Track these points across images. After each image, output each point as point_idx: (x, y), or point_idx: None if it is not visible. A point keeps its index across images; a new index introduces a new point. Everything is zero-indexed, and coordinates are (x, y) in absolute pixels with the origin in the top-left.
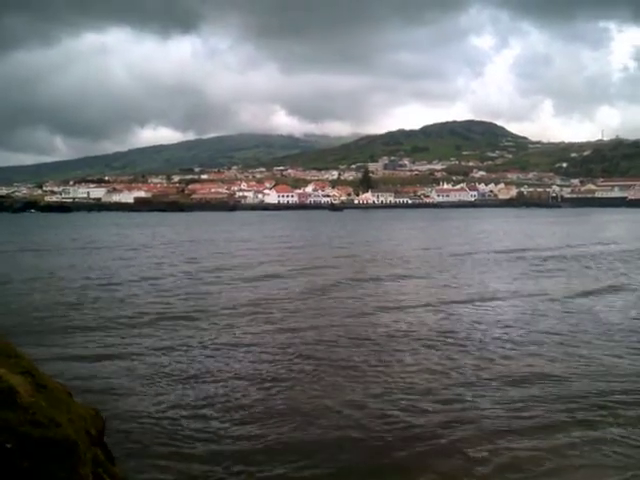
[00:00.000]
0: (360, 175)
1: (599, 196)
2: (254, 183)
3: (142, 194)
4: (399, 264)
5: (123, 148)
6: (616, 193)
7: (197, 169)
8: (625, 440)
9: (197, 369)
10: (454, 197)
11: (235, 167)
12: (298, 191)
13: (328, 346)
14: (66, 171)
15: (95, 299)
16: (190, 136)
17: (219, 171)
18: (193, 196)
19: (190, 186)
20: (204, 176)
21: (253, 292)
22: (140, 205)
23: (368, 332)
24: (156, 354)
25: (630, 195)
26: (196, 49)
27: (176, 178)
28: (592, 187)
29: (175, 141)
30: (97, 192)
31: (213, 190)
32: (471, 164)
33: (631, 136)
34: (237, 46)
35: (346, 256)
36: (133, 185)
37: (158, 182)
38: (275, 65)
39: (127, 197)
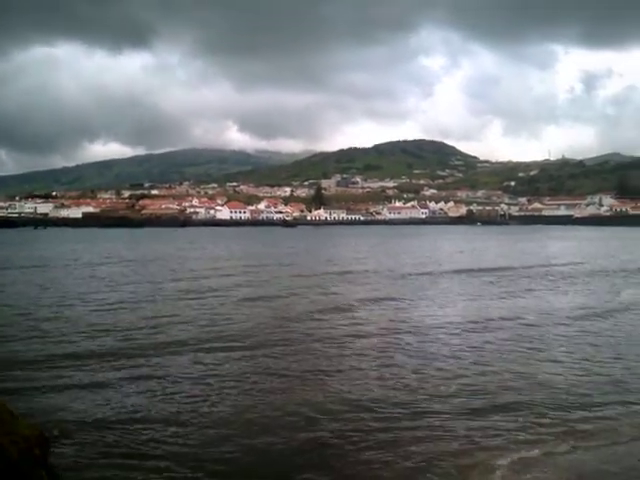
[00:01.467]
0: (313, 192)
1: (546, 214)
2: (206, 199)
3: (91, 209)
4: (363, 284)
5: (72, 163)
6: (562, 211)
7: (147, 184)
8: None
9: (152, 405)
10: (405, 215)
11: (186, 183)
12: (251, 207)
13: (299, 375)
14: (12, 186)
15: (45, 326)
16: (141, 151)
17: (170, 187)
18: (143, 212)
19: (140, 201)
20: (154, 191)
21: (217, 318)
22: (89, 221)
23: (343, 359)
24: (114, 385)
25: (576, 213)
26: (148, 64)
27: (126, 193)
28: (539, 205)
29: (125, 156)
30: (44, 207)
31: (164, 206)
32: (422, 182)
33: (576, 156)
34: (189, 62)
35: (309, 275)
36: (82, 200)
37: (107, 197)
38: (228, 81)
39: (75, 212)
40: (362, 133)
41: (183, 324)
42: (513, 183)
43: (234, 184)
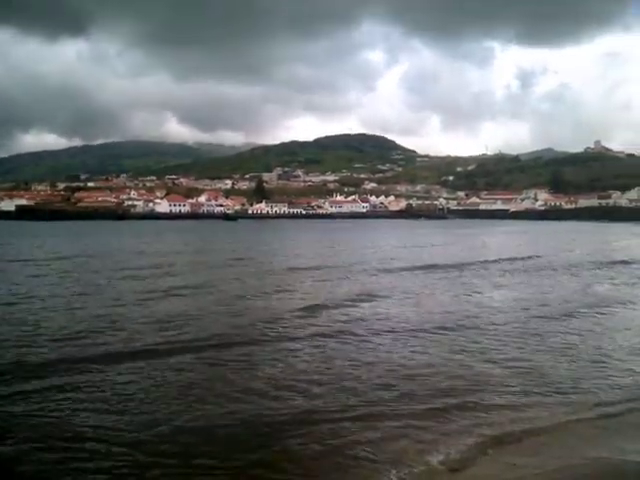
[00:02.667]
0: (254, 185)
1: (483, 208)
2: (144, 192)
3: (24, 202)
4: (324, 281)
5: (4, 154)
6: (499, 205)
7: (84, 176)
8: None
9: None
10: (347, 208)
11: (124, 175)
12: (191, 200)
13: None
14: None
15: None
16: (77, 142)
17: (107, 179)
18: (80, 204)
19: (76, 194)
20: (91, 184)
21: (177, 321)
22: (23, 214)
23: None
24: (60, 390)
25: (512, 208)
26: (84, 53)
27: (62, 185)
28: (476, 200)
29: (61, 147)
30: None
31: (100, 198)
32: (363, 176)
33: (512, 151)
34: (127, 52)
35: (267, 273)
36: (15, 192)
37: (42, 189)
38: (167, 73)
39: (8, 205)
40: (303, 127)
41: (133, 329)
42: (451, 178)
43: (173, 177)
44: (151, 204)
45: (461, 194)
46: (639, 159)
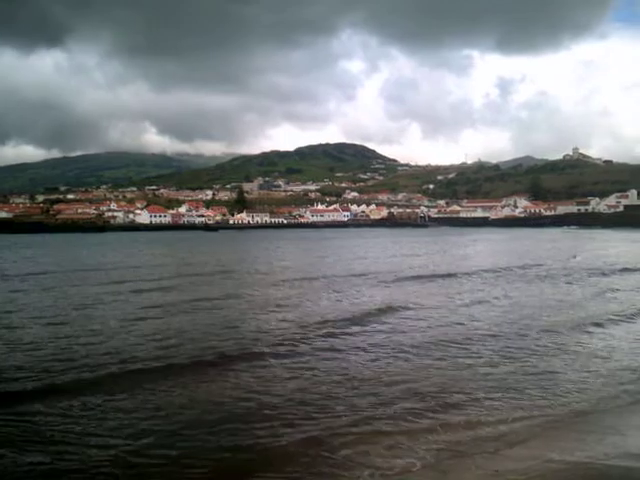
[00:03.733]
0: (235, 195)
1: (464, 216)
2: (124, 203)
3: (3, 215)
4: (336, 291)
5: None
6: (479, 213)
7: (63, 188)
8: None
9: None
10: (328, 217)
11: (104, 186)
12: (171, 211)
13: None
14: None
15: None
16: (55, 154)
17: (87, 190)
18: (59, 216)
19: (55, 206)
20: (70, 196)
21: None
22: (1, 227)
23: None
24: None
25: (492, 215)
26: (62, 64)
27: (40, 198)
28: (457, 208)
29: (39, 159)
30: None
31: (80, 210)
32: (344, 185)
33: (492, 159)
34: (106, 62)
35: (264, 285)
36: None
37: (21, 202)
38: (145, 83)
39: None
40: (284, 136)
41: (124, 348)
42: (432, 186)
43: (154, 188)
44: (131, 215)
45: (442, 202)
46: (617, 166)
